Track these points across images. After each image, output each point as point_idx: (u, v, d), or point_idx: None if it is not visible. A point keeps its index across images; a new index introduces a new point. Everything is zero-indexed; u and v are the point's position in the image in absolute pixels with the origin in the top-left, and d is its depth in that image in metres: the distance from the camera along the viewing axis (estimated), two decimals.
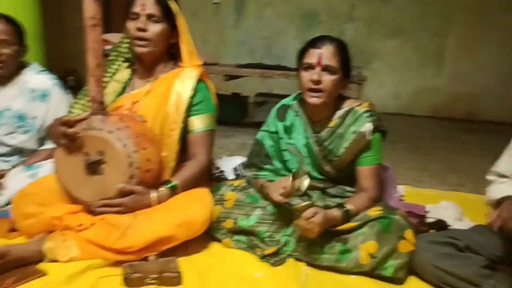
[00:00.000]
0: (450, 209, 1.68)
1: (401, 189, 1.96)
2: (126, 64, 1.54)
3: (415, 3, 5.35)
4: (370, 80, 3.79)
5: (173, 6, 1.47)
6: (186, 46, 1.51)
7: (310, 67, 1.35)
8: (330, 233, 1.29)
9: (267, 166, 1.53)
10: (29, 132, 1.72)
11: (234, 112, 3.97)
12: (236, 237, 1.43)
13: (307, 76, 1.35)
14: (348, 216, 1.31)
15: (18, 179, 1.56)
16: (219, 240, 1.45)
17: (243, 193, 1.47)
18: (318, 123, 1.46)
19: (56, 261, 1.23)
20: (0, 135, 1.69)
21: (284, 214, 1.40)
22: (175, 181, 1.39)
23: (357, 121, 1.39)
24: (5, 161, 1.73)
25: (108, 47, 2.47)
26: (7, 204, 1.51)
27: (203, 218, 1.33)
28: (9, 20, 1.64)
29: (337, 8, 5.91)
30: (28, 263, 1.21)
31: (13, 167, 1.66)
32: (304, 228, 1.21)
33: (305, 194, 1.44)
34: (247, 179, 1.56)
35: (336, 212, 1.29)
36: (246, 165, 1.63)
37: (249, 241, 1.40)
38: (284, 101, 1.56)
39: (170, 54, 1.55)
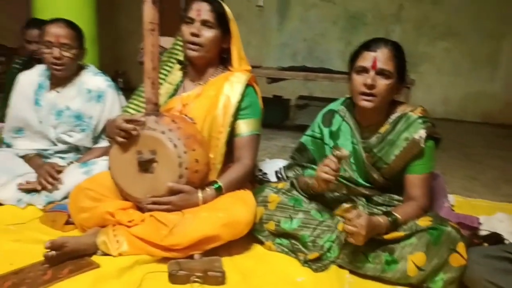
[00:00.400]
0: (506, 221, 1.58)
1: (451, 198, 1.87)
2: (178, 66, 1.59)
3: (469, 4, 5.09)
4: (418, 84, 3.65)
5: (228, 12, 1.51)
6: (237, 51, 1.55)
7: (364, 70, 1.31)
8: (376, 241, 1.25)
9: (311, 167, 1.52)
10: (85, 131, 1.82)
11: (275, 115, 3.98)
12: (278, 240, 1.43)
13: (360, 79, 1.32)
14: (395, 224, 1.26)
15: (74, 175, 1.65)
16: (261, 242, 1.45)
17: (286, 196, 1.47)
18: (367, 128, 1.43)
19: (108, 254, 1.29)
20: (59, 133, 1.81)
21: (328, 219, 1.38)
22: (220, 183, 1.42)
23: (410, 128, 1.34)
24: (62, 158, 1.84)
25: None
26: (64, 198, 1.60)
27: (247, 219, 1.34)
28: (70, 24, 1.74)
29: (384, 9, 5.76)
30: (82, 255, 1.27)
31: (70, 163, 1.76)
32: (350, 231, 1.17)
33: (349, 200, 1.42)
34: (290, 180, 1.55)
35: (382, 219, 1.25)
36: (288, 167, 1.63)
37: (291, 245, 1.40)
38: (331, 106, 1.54)
39: (221, 59, 1.58)
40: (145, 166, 1.36)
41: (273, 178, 1.83)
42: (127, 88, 6.96)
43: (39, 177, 1.65)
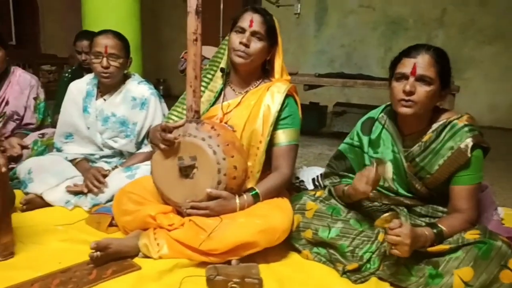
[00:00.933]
0: None
1: (500, 211, 1.76)
2: (220, 74, 1.63)
3: None
4: (463, 90, 3.49)
5: (277, 25, 1.54)
6: (279, 62, 1.58)
7: (403, 77, 1.28)
8: (419, 254, 1.20)
9: (350, 175, 1.49)
10: (129, 137, 1.90)
11: (312, 122, 3.95)
12: (316, 249, 1.41)
13: (399, 86, 1.29)
14: (440, 237, 1.21)
15: (118, 179, 1.72)
16: (298, 251, 1.44)
17: (324, 204, 1.45)
18: (409, 137, 1.38)
19: (149, 257, 1.32)
20: (105, 139, 1.90)
21: (368, 229, 1.35)
22: (258, 190, 1.43)
23: (455, 136, 1.28)
24: (107, 162, 1.93)
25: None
26: (109, 201, 1.67)
27: (284, 227, 1.34)
28: (118, 35, 1.84)
29: (426, 14, 5.58)
30: (125, 257, 1.32)
31: (114, 168, 1.84)
32: (393, 241, 1.13)
33: (390, 210, 1.38)
34: (328, 188, 1.53)
35: (427, 231, 1.20)
36: (325, 175, 1.61)
37: (329, 254, 1.38)
38: (371, 113, 1.51)
39: (263, 69, 1.61)
40: (186, 171, 1.39)
41: (310, 185, 1.81)
42: (167, 95, 7.21)
43: (85, 181, 1.73)
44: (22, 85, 2.14)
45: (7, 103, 2.09)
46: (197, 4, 1.37)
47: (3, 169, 1.13)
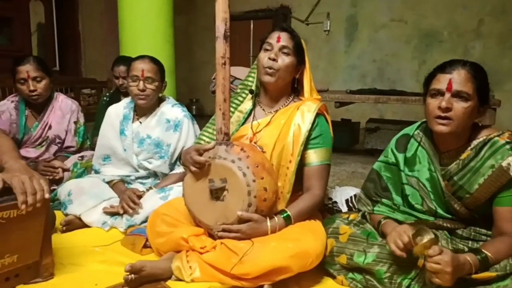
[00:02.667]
0: None
1: None
2: (250, 95, 1.64)
3: None
4: (504, 104, 3.32)
5: (304, 45, 1.56)
6: (308, 81, 1.59)
7: (439, 93, 1.23)
8: (463, 281, 1.13)
9: (384, 200, 1.44)
10: (163, 158, 1.94)
11: (344, 139, 3.89)
12: (351, 274, 1.36)
13: (434, 103, 1.24)
14: (485, 264, 1.13)
15: (152, 200, 1.76)
16: (333, 276, 1.40)
17: (358, 228, 1.41)
18: (446, 154, 1.32)
19: (182, 280, 1.33)
20: (140, 160, 1.96)
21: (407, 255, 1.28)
22: (289, 212, 1.41)
23: (496, 154, 1.21)
24: (142, 183, 1.98)
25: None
26: (143, 222, 1.71)
27: (317, 251, 1.31)
28: (154, 60, 1.92)
29: (462, 25, 5.42)
30: (158, 279, 1.33)
31: (149, 189, 1.88)
32: (433, 269, 1.07)
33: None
34: (362, 214, 1.49)
35: (470, 258, 1.13)
36: (360, 198, 1.56)
37: (366, 280, 1.32)
38: (406, 130, 1.46)
39: (292, 88, 1.61)
40: (216, 194, 1.40)
41: (343, 207, 1.76)
42: (200, 114, 7.37)
43: (121, 202, 1.78)
44: (64, 110, 2.26)
45: (50, 128, 2.21)
46: (225, 29, 1.41)
47: (47, 195, 1.18)
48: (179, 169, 1.94)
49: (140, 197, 1.79)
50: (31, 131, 2.18)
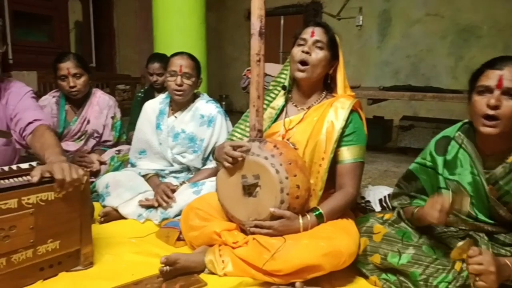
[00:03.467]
0: None
1: None
2: (282, 92, 1.64)
3: None
4: None
5: (338, 41, 1.55)
6: (342, 78, 1.56)
7: (487, 90, 1.17)
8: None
9: (423, 196, 1.40)
10: (196, 152, 1.98)
11: (376, 137, 3.81)
12: (385, 275, 1.33)
13: (482, 100, 1.18)
14: None
15: (185, 194, 1.80)
16: (365, 276, 1.38)
17: (393, 228, 1.38)
18: (491, 157, 1.26)
19: (214, 273, 1.35)
20: (174, 154, 2.00)
21: (443, 257, 1.25)
22: (321, 210, 1.40)
23: None
24: (176, 177, 2.03)
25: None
26: (177, 215, 1.75)
27: (350, 250, 1.29)
28: (191, 57, 1.97)
29: (502, 20, 5.17)
30: (192, 272, 1.36)
31: (182, 183, 1.92)
32: (476, 271, 1.02)
33: (468, 236, 1.27)
34: (397, 211, 1.45)
35: (511, 262, 1.08)
36: (394, 195, 1.52)
37: (400, 282, 1.29)
38: (446, 132, 1.40)
39: (325, 85, 1.59)
40: (249, 190, 1.41)
41: (377, 207, 1.73)
42: (230, 110, 7.43)
43: (155, 195, 1.83)
44: (102, 105, 2.35)
45: (88, 122, 2.30)
46: (261, 26, 1.40)
47: (85, 179, 1.24)
48: (211, 164, 1.98)
49: (173, 191, 1.84)
50: (71, 125, 2.28)
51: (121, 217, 1.84)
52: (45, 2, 6.02)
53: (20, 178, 1.24)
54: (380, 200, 1.74)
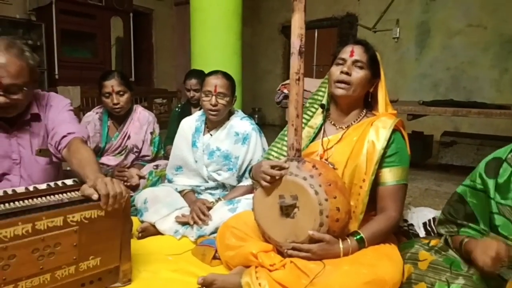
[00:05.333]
0: None
1: None
2: (320, 110, 1.61)
3: None
4: None
5: (379, 58, 1.51)
6: (383, 95, 1.51)
7: None
8: None
9: (471, 225, 1.31)
10: (232, 170, 1.98)
11: (416, 153, 3.64)
12: None
13: None
14: None
15: (221, 212, 1.79)
16: None
17: (440, 255, 1.30)
18: None
19: None
20: (210, 172, 2.01)
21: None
22: (363, 234, 1.34)
23: None
24: (211, 194, 2.03)
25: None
26: (213, 233, 1.74)
27: (394, 279, 1.23)
28: (226, 76, 1.98)
29: None
30: None
31: (218, 199, 1.93)
32: None
33: None
34: (444, 238, 1.37)
35: None
36: (440, 222, 1.44)
37: None
38: (497, 153, 1.32)
39: (365, 103, 1.55)
40: (287, 210, 1.38)
41: (421, 231, 1.64)
42: (262, 123, 7.46)
43: (191, 213, 1.84)
44: (142, 121, 2.42)
45: (129, 138, 2.37)
46: (301, 45, 1.39)
47: (127, 196, 1.26)
48: (246, 182, 1.97)
49: (209, 208, 1.84)
50: (112, 140, 2.35)
51: (158, 232, 1.86)
52: (90, 21, 6.35)
53: (65, 195, 1.28)
54: (424, 224, 1.65)
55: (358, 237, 1.34)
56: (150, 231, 1.85)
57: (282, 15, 7.59)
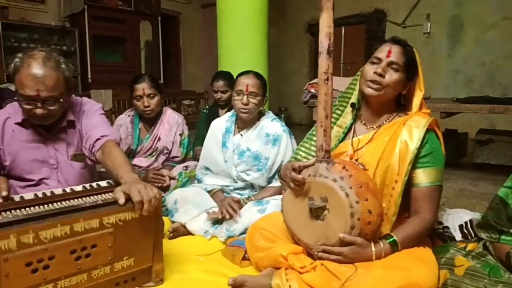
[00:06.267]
0: None
1: None
2: (350, 109, 1.58)
3: None
4: None
5: (418, 58, 1.46)
6: (420, 97, 1.47)
7: None
8: None
9: (510, 231, 1.25)
10: (261, 171, 1.99)
11: (450, 152, 3.52)
12: None
13: None
14: None
15: (250, 213, 1.80)
16: None
17: (478, 261, 1.24)
18: None
19: None
20: (239, 172, 2.03)
21: None
22: (396, 237, 1.31)
23: None
24: (240, 194, 2.04)
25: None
26: (242, 233, 1.75)
27: (429, 284, 1.18)
28: (258, 75, 2.00)
29: None
30: None
31: (248, 198, 1.94)
32: None
33: None
34: (483, 243, 1.32)
35: None
36: (479, 225, 1.38)
37: None
38: None
39: (398, 102, 1.51)
40: (316, 213, 1.36)
41: (457, 234, 1.58)
42: (288, 123, 7.41)
43: (220, 208, 1.85)
44: (171, 123, 2.46)
45: (159, 139, 2.42)
46: (329, 44, 1.37)
47: (159, 198, 1.29)
48: (276, 183, 1.97)
49: (238, 201, 1.86)
50: (143, 142, 2.41)
51: (188, 232, 1.88)
52: (121, 25, 6.54)
53: (100, 196, 1.32)
54: (461, 226, 1.59)
55: (391, 240, 1.30)
56: (181, 231, 1.89)
57: (308, 13, 7.52)
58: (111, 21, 6.39)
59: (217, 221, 1.87)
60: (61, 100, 1.51)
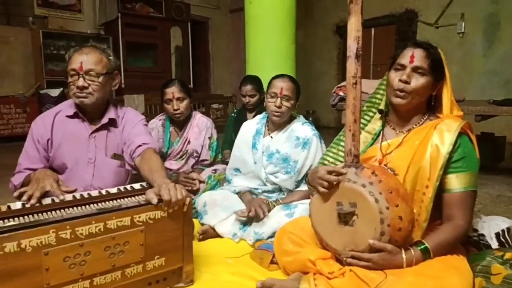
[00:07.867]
0: None
1: None
2: (379, 115, 1.56)
3: None
4: None
5: (443, 58, 1.42)
6: (448, 97, 1.43)
7: None
8: None
9: None
10: (290, 173, 2.00)
11: (486, 156, 3.38)
12: None
13: None
14: None
15: (278, 217, 1.81)
16: None
17: None
18: None
19: None
20: (267, 173, 2.05)
21: None
22: (427, 244, 1.28)
23: None
24: (268, 197, 2.06)
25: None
26: (270, 237, 1.77)
27: None
28: (291, 79, 2.02)
29: None
30: None
31: (276, 201, 1.95)
32: None
33: None
34: None
35: None
36: None
37: None
38: None
39: (428, 105, 1.48)
40: (345, 218, 1.35)
41: (493, 242, 1.52)
42: (316, 125, 7.33)
43: (249, 207, 1.88)
44: (200, 127, 2.52)
45: (189, 143, 2.48)
46: (357, 48, 1.36)
47: (187, 201, 1.35)
48: (304, 187, 1.97)
49: (268, 209, 1.87)
50: (174, 145, 2.48)
51: (217, 235, 1.92)
52: (152, 32, 6.74)
53: (133, 198, 1.37)
54: (497, 234, 1.52)
55: (422, 247, 1.27)
56: (210, 233, 1.92)
57: (336, 15, 7.46)
58: (143, 28, 6.60)
59: (245, 224, 1.89)
60: (101, 78, 1.64)
